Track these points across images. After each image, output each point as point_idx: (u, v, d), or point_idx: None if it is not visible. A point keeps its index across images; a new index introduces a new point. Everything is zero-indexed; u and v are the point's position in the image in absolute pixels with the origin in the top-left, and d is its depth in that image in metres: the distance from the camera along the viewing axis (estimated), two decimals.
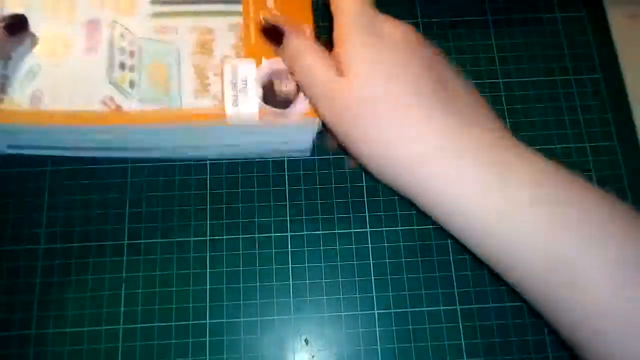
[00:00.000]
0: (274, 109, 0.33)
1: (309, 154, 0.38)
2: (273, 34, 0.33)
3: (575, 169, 0.38)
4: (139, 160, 0.38)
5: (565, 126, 0.39)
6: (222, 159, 0.38)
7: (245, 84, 0.34)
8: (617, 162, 0.39)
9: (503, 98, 0.40)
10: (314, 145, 0.37)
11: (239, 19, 0.36)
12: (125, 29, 0.35)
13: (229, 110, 0.33)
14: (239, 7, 0.37)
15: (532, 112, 0.40)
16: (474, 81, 0.40)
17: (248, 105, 0.34)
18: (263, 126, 0.34)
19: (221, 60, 0.35)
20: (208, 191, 0.37)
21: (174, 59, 0.35)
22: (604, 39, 0.42)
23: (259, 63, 0.35)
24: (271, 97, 0.34)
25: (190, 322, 0.35)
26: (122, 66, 0.34)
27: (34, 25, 0.34)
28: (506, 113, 0.39)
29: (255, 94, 0.34)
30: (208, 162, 0.38)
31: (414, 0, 0.42)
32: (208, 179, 0.37)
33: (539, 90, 0.40)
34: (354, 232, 0.37)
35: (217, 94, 0.34)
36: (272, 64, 0.35)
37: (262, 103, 0.33)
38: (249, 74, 0.34)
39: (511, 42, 0.41)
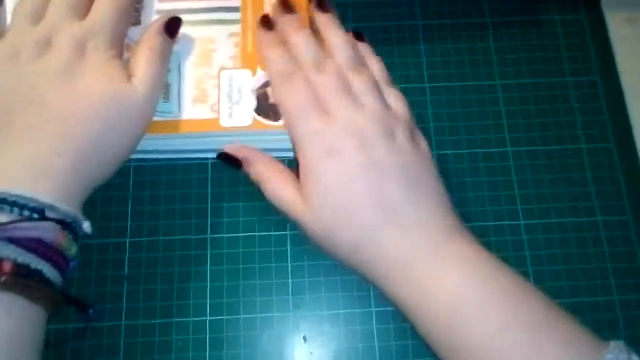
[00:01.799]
0: (267, 121, 0.35)
1: None
2: (231, 162, 0.35)
3: (573, 170, 0.39)
4: (142, 160, 0.38)
5: (563, 128, 0.40)
6: None
7: (241, 95, 0.35)
8: (614, 164, 0.39)
9: (501, 100, 0.40)
10: None
11: (238, 28, 0.37)
12: (131, 40, 0.36)
13: (225, 122, 0.35)
14: (238, 15, 0.37)
15: (530, 114, 0.40)
16: (473, 83, 0.41)
17: (242, 118, 0.35)
18: (256, 136, 0.35)
19: (219, 70, 0.36)
20: (209, 190, 0.38)
21: (175, 68, 0.36)
22: (602, 42, 0.42)
23: (255, 72, 0.36)
24: (266, 106, 0.35)
25: (191, 319, 0.35)
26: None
27: None
28: (504, 115, 0.40)
29: (249, 105, 0.35)
30: (209, 161, 0.38)
31: (414, 3, 0.43)
32: (209, 178, 0.38)
33: (537, 93, 0.41)
34: None
35: (215, 105, 0.35)
36: (267, 74, 0.35)
37: (256, 115, 0.35)
38: (244, 85, 0.35)
39: (510, 44, 0.42)
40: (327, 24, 0.36)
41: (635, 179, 0.39)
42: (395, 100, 0.34)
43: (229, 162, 0.36)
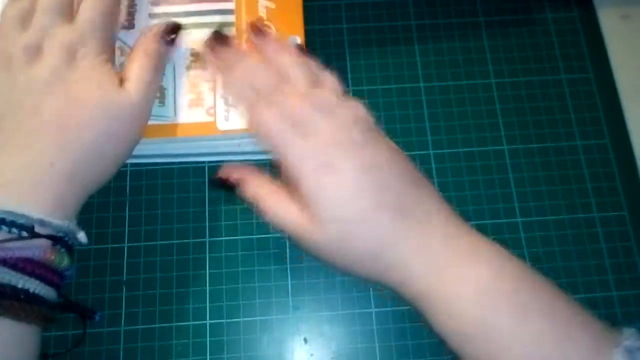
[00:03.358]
0: None
1: None
2: (224, 186, 0.34)
3: (568, 167, 0.39)
4: (138, 164, 0.38)
5: (557, 125, 0.40)
6: (220, 161, 0.38)
7: None
8: (609, 160, 0.39)
9: (496, 98, 0.40)
10: None
11: (232, 30, 0.37)
12: (124, 43, 0.36)
13: (221, 125, 0.35)
14: (232, 18, 0.37)
15: (524, 112, 0.40)
16: (467, 82, 0.41)
17: (239, 120, 0.35)
18: (252, 139, 0.35)
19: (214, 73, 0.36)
20: (206, 193, 0.38)
21: (170, 72, 0.36)
22: (595, 38, 0.42)
23: None
24: None
25: (191, 323, 0.35)
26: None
27: None
28: (499, 113, 0.40)
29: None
30: (206, 164, 0.38)
31: (407, 3, 0.43)
32: (206, 181, 0.38)
33: (531, 90, 0.41)
34: None
35: (210, 108, 0.35)
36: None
37: None
38: None
39: (503, 42, 0.42)
40: (275, 48, 0.35)
41: (630, 174, 0.39)
42: (357, 108, 0.34)
43: (223, 185, 0.34)
